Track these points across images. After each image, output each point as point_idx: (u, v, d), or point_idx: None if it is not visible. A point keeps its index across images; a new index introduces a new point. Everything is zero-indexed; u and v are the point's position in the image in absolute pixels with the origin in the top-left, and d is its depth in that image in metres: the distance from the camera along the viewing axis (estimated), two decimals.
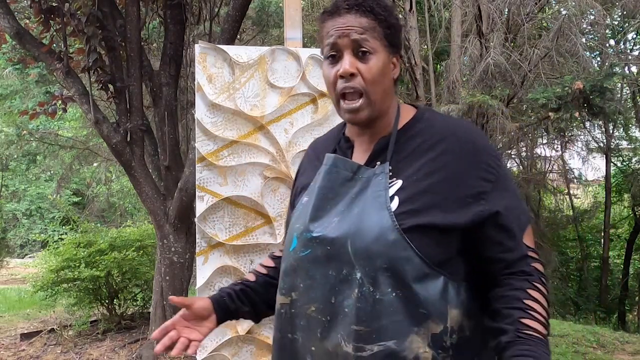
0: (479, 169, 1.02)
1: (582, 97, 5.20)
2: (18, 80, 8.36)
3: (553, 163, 9.83)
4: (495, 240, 1.02)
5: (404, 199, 1.01)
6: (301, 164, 1.29)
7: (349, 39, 1.04)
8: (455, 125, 1.08)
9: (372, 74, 1.04)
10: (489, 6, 6.32)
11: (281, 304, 1.12)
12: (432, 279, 0.99)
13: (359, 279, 0.99)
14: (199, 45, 2.16)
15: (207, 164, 2.14)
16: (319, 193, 1.08)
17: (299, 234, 1.08)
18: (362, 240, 0.99)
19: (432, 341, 0.98)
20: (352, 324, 0.99)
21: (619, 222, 12.14)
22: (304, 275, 1.06)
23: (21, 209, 14.77)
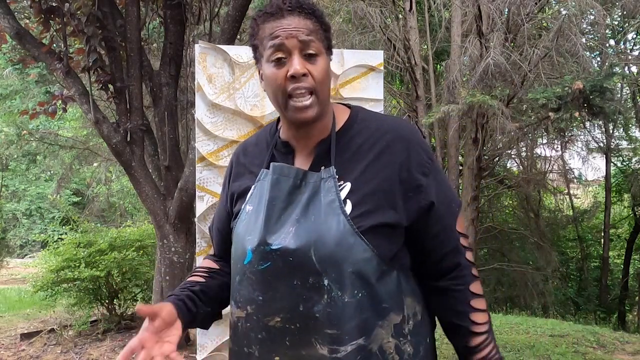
0: (416, 163, 1.07)
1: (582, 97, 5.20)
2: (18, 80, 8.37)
3: (553, 163, 9.83)
4: (431, 232, 1.08)
5: (356, 202, 1.03)
6: (230, 169, 1.24)
7: (297, 40, 1.03)
8: (390, 124, 1.12)
9: (321, 75, 1.05)
10: (489, 6, 6.32)
11: (237, 317, 1.11)
12: (388, 274, 1.05)
13: (327, 285, 1.00)
14: (199, 45, 2.16)
15: (207, 164, 2.14)
16: (269, 204, 1.07)
17: (254, 247, 1.05)
18: (325, 247, 1.00)
19: (394, 331, 1.05)
20: (326, 328, 1.01)
21: (619, 222, 12.15)
22: (264, 287, 1.05)
23: (21, 209, 14.78)
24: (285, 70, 1.04)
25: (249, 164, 1.18)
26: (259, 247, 1.05)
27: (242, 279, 1.09)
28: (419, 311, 1.11)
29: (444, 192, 1.10)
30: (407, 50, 6.88)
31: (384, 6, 7.04)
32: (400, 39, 6.91)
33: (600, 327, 6.49)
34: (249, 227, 1.08)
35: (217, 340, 2.15)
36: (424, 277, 1.13)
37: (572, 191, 11.40)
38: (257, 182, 1.12)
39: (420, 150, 1.08)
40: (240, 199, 1.15)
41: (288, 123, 1.12)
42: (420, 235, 1.08)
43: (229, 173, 1.24)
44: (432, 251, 1.10)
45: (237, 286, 1.10)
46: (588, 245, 11.48)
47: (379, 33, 6.79)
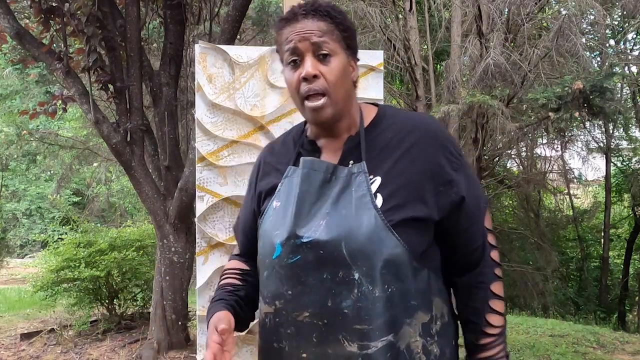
0: (446, 158, 1.08)
1: (582, 97, 5.20)
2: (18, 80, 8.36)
3: (553, 163, 9.83)
4: (461, 227, 1.09)
5: (387, 196, 1.04)
6: (257, 169, 1.25)
7: (309, 42, 1.06)
8: (417, 120, 1.14)
9: (334, 75, 1.06)
10: (489, 6, 6.32)
11: (265, 313, 1.12)
12: (419, 271, 1.05)
13: (358, 279, 1.00)
14: (199, 45, 2.16)
15: (207, 164, 2.14)
16: (299, 198, 1.07)
17: (284, 241, 1.06)
18: (356, 241, 1.01)
19: (422, 330, 1.05)
20: (355, 323, 1.00)
21: (619, 222, 12.15)
22: (293, 282, 1.05)
23: (21, 209, 14.77)
24: (299, 73, 1.07)
25: (275, 163, 1.20)
26: (288, 240, 1.05)
27: (270, 273, 1.09)
28: (446, 312, 1.11)
29: (473, 188, 1.11)
30: (407, 50, 6.87)
31: (384, 6, 7.04)
32: (400, 39, 6.90)
33: (600, 327, 6.49)
34: (277, 222, 1.09)
35: None
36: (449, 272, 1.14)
37: (572, 191, 11.39)
38: (284, 178, 1.13)
39: (450, 146, 1.10)
40: (267, 197, 1.16)
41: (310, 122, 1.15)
42: (450, 230, 1.09)
43: (255, 173, 1.25)
44: (461, 246, 1.11)
45: (265, 282, 1.11)
46: (588, 245, 11.48)
47: (379, 33, 6.78)
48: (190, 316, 4.60)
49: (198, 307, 2.15)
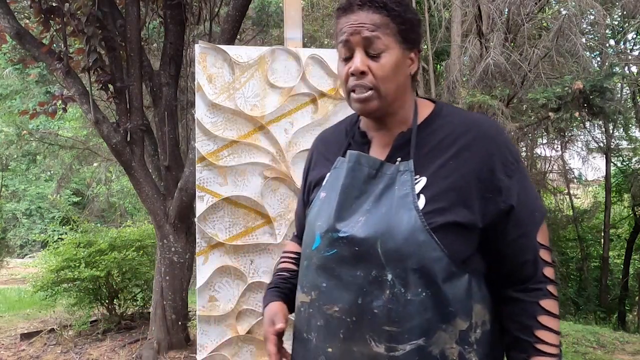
0: (499, 164, 1.02)
1: (582, 97, 5.20)
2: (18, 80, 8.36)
3: (553, 163, 9.83)
4: (509, 237, 1.03)
5: (430, 198, 1.00)
6: (310, 158, 1.26)
7: (361, 36, 1.03)
8: (474, 121, 1.07)
9: (384, 72, 1.03)
10: (489, 6, 6.32)
11: (301, 302, 1.12)
12: (458, 277, 1.01)
13: (390, 280, 0.98)
14: (199, 45, 2.16)
15: (207, 164, 2.14)
16: (342, 191, 1.06)
17: (323, 233, 1.06)
18: (393, 241, 0.98)
19: (459, 337, 1.00)
20: (384, 324, 0.99)
21: (619, 222, 12.14)
22: (328, 274, 1.05)
23: (21, 209, 14.76)
24: (348, 67, 1.05)
25: (326, 152, 1.20)
26: (327, 233, 1.05)
27: (309, 264, 1.09)
28: (488, 321, 1.06)
29: (527, 198, 1.04)
30: None
31: None
32: None
33: (600, 327, 6.50)
34: (321, 213, 1.09)
35: (217, 340, 2.15)
36: (496, 284, 1.08)
37: (572, 191, 11.39)
38: (332, 169, 1.12)
39: (506, 150, 1.04)
40: (316, 187, 1.17)
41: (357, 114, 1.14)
42: (496, 240, 1.03)
43: (308, 162, 1.26)
44: (508, 258, 1.05)
45: (305, 271, 1.11)
46: (588, 245, 11.48)
47: None
48: (190, 316, 4.59)
49: (198, 307, 2.15)
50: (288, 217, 2.18)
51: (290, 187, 2.19)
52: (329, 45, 7.27)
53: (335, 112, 2.21)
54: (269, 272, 2.17)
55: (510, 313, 1.06)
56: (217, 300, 2.15)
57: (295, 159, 2.18)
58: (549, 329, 1.03)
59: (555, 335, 1.03)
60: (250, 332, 2.16)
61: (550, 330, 1.03)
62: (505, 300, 1.07)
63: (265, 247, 2.18)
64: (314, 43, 7.51)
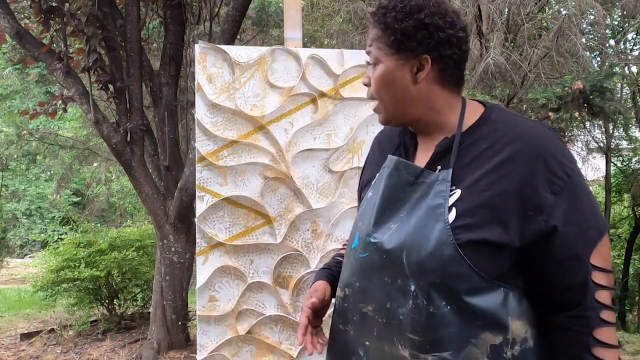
0: (545, 179, 0.94)
1: (582, 97, 5.20)
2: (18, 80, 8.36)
3: None
4: (554, 259, 0.96)
5: (461, 212, 0.96)
6: (368, 156, 1.28)
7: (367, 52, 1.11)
8: (523, 129, 1.00)
9: (375, 84, 1.08)
10: (489, 6, 6.32)
11: (337, 295, 1.15)
12: (490, 291, 0.96)
13: (414, 291, 0.98)
14: (199, 45, 2.16)
15: (207, 164, 2.14)
16: (382, 196, 1.07)
17: (361, 235, 1.08)
18: (417, 254, 0.97)
19: (490, 352, 0.96)
20: (408, 332, 0.99)
21: (619, 222, 12.14)
22: (362, 276, 1.08)
23: (21, 209, 14.76)
24: None
25: (379, 152, 1.21)
26: (364, 235, 1.07)
27: (347, 261, 1.13)
28: (531, 337, 0.99)
29: (578, 215, 0.95)
30: None
31: None
32: None
33: None
34: (364, 213, 1.11)
35: (217, 340, 2.15)
36: (541, 307, 1.01)
37: None
38: (382, 169, 1.13)
39: (555, 164, 0.95)
40: (367, 186, 1.18)
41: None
42: (537, 260, 0.97)
43: (365, 160, 1.28)
44: (553, 280, 0.97)
45: (344, 267, 1.15)
46: None
47: None
48: (190, 316, 4.60)
49: (198, 307, 2.15)
50: (288, 217, 2.18)
51: (290, 187, 2.19)
52: (329, 45, 7.27)
53: (335, 112, 2.21)
54: (269, 272, 2.17)
55: (560, 342, 0.98)
56: (217, 300, 2.15)
57: (295, 159, 2.18)
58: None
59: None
60: (250, 332, 2.16)
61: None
62: (553, 326, 0.99)
63: (265, 247, 2.18)
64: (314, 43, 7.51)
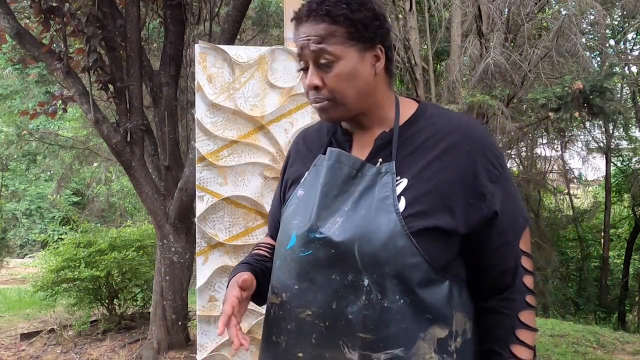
0: (484, 168, 0.99)
1: (582, 97, 5.20)
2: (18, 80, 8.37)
3: (553, 163, 9.83)
4: (491, 246, 1.00)
5: (410, 200, 0.97)
6: (289, 154, 1.22)
7: (309, 50, 1.00)
8: (460, 123, 1.04)
9: (337, 83, 1.01)
10: (489, 6, 6.32)
11: (271, 303, 1.08)
12: (438, 283, 0.97)
13: (367, 285, 0.95)
14: (199, 45, 2.16)
15: (207, 164, 2.14)
16: (322, 190, 1.03)
17: (299, 232, 1.02)
18: (370, 245, 0.95)
19: (437, 346, 0.97)
20: (359, 331, 0.95)
21: (619, 222, 12.14)
22: (302, 276, 1.01)
23: (21, 208, 14.76)
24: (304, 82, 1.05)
25: (307, 150, 1.17)
26: (303, 233, 1.01)
27: (282, 263, 1.06)
28: (469, 329, 1.02)
29: (511, 204, 1.01)
30: (407, 50, 6.87)
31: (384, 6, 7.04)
32: (400, 39, 6.90)
33: (600, 327, 6.49)
34: (298, 211, 1.06)
35: (217, 340, 2.15)
36: (475, 294, 1.05)
37: (572, 191, 11.38)
38: (312, 167, 1.09)
39: (491, 155, 1.00)
40: (294, 184, 1.13)
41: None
42: (478, 247, 1.00)
43: (287, 159, 1.23)
44: (489, 267, 1.02)
45: (276, 271, 1.08)
46: (588, 245, 11.47)
47: None
48: (190, 316, 4.60)
49: (198, 307, 2.15)
50: None
51: None
52: None
53: None
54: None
55: (488, 324, 1.03)
56: (217, 300, 2.15)
57: None
58: (525, 345, 1.00)
59: (529, 351, 1.01)
60: (250, 332, 2.16)
61: (525, 346, 1.00)
62: (483, 310, 1.04)
63: None
64: None
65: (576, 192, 11.97)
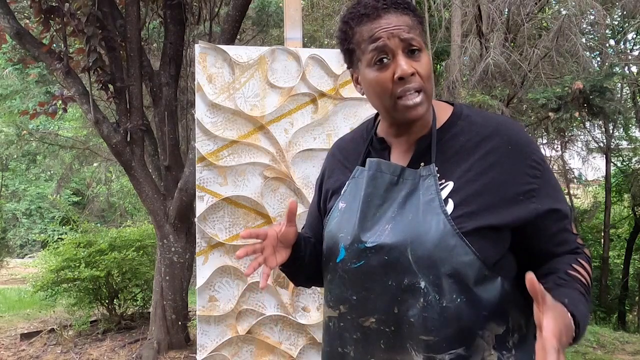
0: (526, 165, 1.00)
1: (582, 97, 5.20)
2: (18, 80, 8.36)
3: (553, 163, 9.82)
4: (550, 234, 1.01)
5: (459, 202, 0.98)
6: (326, 165, 1.22)
7: (399, 38, 0.99)
8: (497, 122, 1.05)
9: (427, 71, 1.01)
10: (489, 6, 6.32)
11: (329, 317, 1.09)
12: (491, 280, 0.98)
13: (424, 287, 0.96)
14: (199, 45, 2.16)
15: (207, 164, 2.14)
16: (364, 200, 1.04)
17: (348, 245, 1.03)
18: (423, 247, 0.96)
19: (496, 343, 0.98)
20: (421, 334, 0.96)
21: (619, 222, 12.14)
22: (358, 287, 1.02)
23: (21, 208, 14.77)
24: (390, 73, 0.99)
25: (344, 160, 1.16)
26: (352, 244, 1.02)
27: (333, 277, 1.06)
28: (524, 324, 1.03)
29: (556, 193, 1.03)
30: None
31: None
32: None
33: (600, 327, 6.50)
34: (342, 224, 1.06)
35: (217, 340, 2.15)
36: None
37: (572, 191, 11.38)
38: (351, 178, 1.09)
39: (531, 153, 1.01)
40: (334, 195, 1.13)
41: (391, 121, 1.07)
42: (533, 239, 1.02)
43: (324, 169, 1.22)
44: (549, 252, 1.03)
45: (329, 285, 1.08)
46: (588, 245, 11.45)
47: None
48: (190, 316, 4.60)
49: (198, 307, 2.15)
50: None
51: (290, 187, 2.19)
52: (329, 45, 7.27)
53: (335, 112, 2.21)
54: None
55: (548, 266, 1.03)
56: (217, 300, 2.15)
57: (295, 159, 2.18)
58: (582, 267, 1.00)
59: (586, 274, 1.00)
60: (250, 332, 2.16)
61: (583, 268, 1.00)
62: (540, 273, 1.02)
63: None
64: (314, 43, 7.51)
65: (576, 192, 11.97)
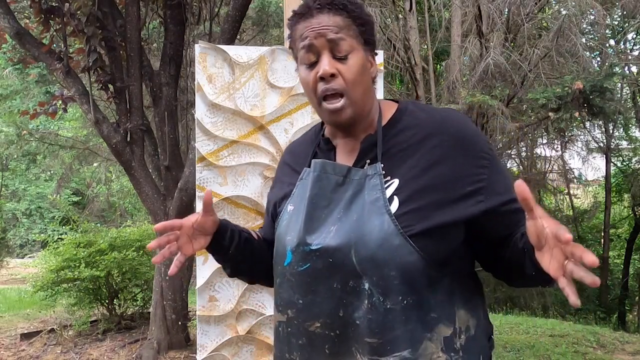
0: (474, 157, 0.99)
1: (582, 97, 5.20)
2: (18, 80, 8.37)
3: (553, 163, 9.83)
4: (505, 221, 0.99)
5: (403, 200, 0.96)
6: (278, 170, 1.22)
7: (325, 39, 0.99)
8: (442, 116, 1.03)
9: (353, 74, 0.99)
10: (489, 6, 6.33)
11: (278, 322, 1.08)
12: (438, 281, 0.97)
13: (368, 289, 0.95)
14: (199, 45, 2.16)
15: (207, 164, 2.14)
16: (310, 202, 1.02)
17: (294, 248, 1.01)
18: (366, 247, 0.94)
19: (444, 345, 0.97)
20: (365, 336, 0.95)
21: (619, 222, 12.15)
22: (304, 290, 1.00)
23: (21, 208, 14.79)
24: (315, 72, 1.01)
25: (293, 164, 1.16)
26: (298, 247, 1.01)
27: (282, 281, 1.05)
28: (472, 326, 1.01)
29: (505, 183, 1.00)
30: (407, 50, 6.88)
31: (384, 6, 7.04)
32: (400, 39, 6.91)
33: (600, 327, 6.49)
34: (290, 227, 1.05)
35: (217, 340, 2.15)
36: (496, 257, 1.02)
37: (572, 191, 11.39)
38: (299, 181, 1.08)
39: (478, 142, 1.00)
40: (284, 200, 1.12)
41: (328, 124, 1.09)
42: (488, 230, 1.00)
43: (276, 174, 1.22)
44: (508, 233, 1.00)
45: (278, 289, 1.07)
46: (588, 245, 11.47)
47: (378, 33, 6.78)
48: (190, 316, 4.60)
49: (198, 307, 2.15)
50: None
51: None
52: None
53: None
54: None
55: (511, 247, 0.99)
56: (217, 300, 2.15)
57: None
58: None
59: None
60: (250, 332, 2.16)
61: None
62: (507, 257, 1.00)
63: None
64: None
65: (576, 192, 11.98)
